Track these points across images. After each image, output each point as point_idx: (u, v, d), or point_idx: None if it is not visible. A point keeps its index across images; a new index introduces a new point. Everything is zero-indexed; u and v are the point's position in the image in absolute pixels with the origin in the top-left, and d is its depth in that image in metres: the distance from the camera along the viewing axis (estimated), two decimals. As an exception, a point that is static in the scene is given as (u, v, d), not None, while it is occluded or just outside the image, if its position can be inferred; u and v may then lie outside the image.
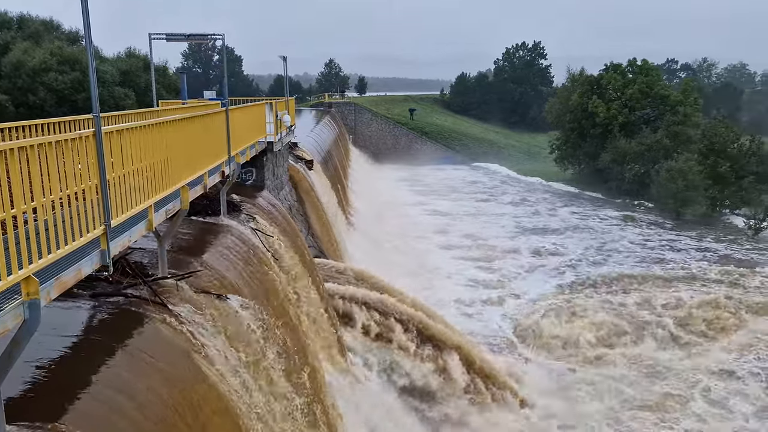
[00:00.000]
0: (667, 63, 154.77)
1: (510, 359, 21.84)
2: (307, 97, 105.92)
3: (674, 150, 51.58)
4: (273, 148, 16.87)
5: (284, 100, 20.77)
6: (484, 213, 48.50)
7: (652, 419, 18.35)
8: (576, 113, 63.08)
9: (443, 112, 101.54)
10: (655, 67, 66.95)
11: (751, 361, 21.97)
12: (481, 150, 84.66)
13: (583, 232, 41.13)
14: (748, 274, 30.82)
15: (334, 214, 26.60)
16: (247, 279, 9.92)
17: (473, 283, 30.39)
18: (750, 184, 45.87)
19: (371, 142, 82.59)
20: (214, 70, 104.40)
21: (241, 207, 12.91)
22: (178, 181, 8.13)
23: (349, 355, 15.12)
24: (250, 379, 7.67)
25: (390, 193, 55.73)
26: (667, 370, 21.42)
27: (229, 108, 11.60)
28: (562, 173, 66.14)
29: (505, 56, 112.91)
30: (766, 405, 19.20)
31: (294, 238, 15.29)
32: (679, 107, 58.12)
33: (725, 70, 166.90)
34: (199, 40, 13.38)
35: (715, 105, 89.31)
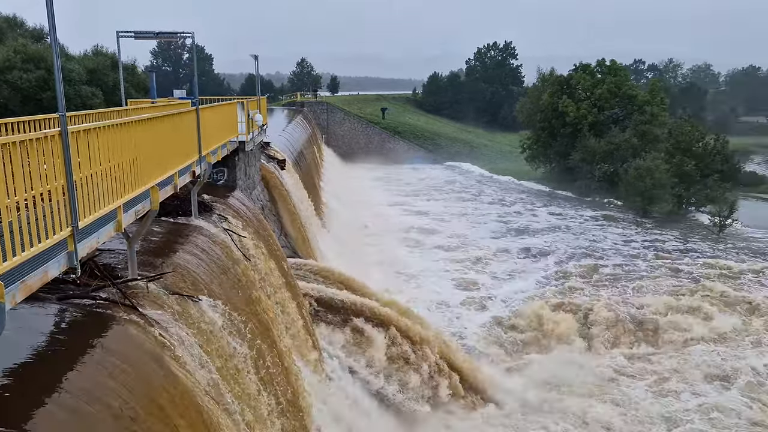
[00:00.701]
0: (635, 63, 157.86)
1: (488, 360, 22.03)
2: (280, 96, 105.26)
3: (642, 149, 52.58)
4: (245, 147, 16.73)
5: (256, 99, 20.62)
6: (463, 213, 48.53)
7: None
8: (546, 113, 63.88)
9: (416, 112, 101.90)
10: (623, 67, 68.17)
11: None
12: (454, 149, 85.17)
13: (567, 232, 41.16)
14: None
15: (307, 214, 26.48)
16: (218, 280, 9.83)
17: (456, 284, 30.44)
18: (715, 182, 47.08)
19: (344, 142, 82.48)
20: (184, 68, 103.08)
21: (213, 207, 12.78)
22: (147, 182, 8.02)
23: (323, 354, 15.09)
24: (221, 380, 7.60)
25: (364, 192, 55.75)
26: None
27: (199, 107, 11.47)
28: (533, 172, 66.90)
29: (477, 56, 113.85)
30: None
31: (267, 238, 15.19)
32: (646, 107, 59.29)
33: (690, 70, 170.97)
34: (168, 38, 13.19)
35: (681, 105, 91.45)
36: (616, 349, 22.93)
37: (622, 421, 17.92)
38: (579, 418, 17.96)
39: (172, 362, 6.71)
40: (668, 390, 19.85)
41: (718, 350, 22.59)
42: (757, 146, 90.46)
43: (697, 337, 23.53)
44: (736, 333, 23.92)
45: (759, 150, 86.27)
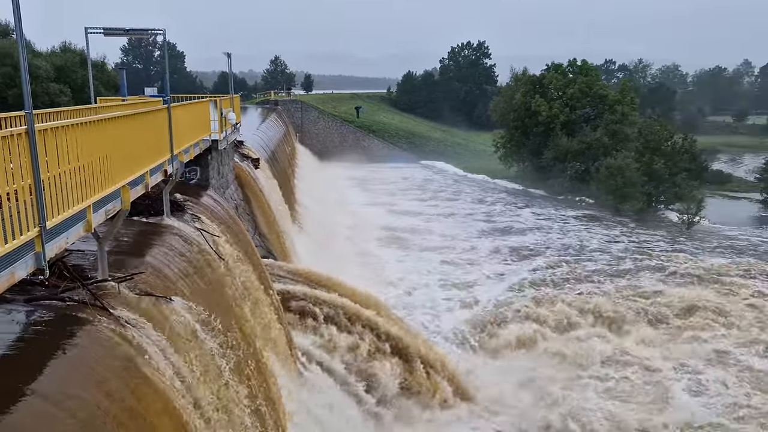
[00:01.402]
0: (606, 64, 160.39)
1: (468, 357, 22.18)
2: (253, 95, 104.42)
3: (613, 148, 53.46)
4: (218, 146, 16.56)
5: (229, 97, 20.44)
6: (440, 213, 48.69)
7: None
8: (519, 112, 64.50)
9: (390, 111, 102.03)
10: (594, 67, 69.18)
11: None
12: (428, 148, 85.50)
13: (550, 232, 41.34)
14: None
15: (282, 213, 26.32)
16: (191, 280, 9.71)
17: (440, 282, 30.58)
18: (683, 181, 48.15)
19: (318, 140, 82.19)
20: (155, 66, 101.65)
21: (185, 207, 12.62)
22: (118, 181, 7.89)
23: (299, 355, 15.02)
24: (195, 382, 7.51)
25: (340, 191, 55.65)
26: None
27: (171, 105, 11.32)
28: (506, 171, 67.52)
29: (451, 55, 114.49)
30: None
31: (240, 237, 15.06)
32: (617, 106, 60.26)
33: (659, 71, 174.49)
34: (138, 35, 12.99)
35: (650, 104, 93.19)
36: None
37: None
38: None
39: (144, 364, 6.60)
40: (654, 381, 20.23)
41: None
42: (724, 145, 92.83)
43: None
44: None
45: (725, 149, 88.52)
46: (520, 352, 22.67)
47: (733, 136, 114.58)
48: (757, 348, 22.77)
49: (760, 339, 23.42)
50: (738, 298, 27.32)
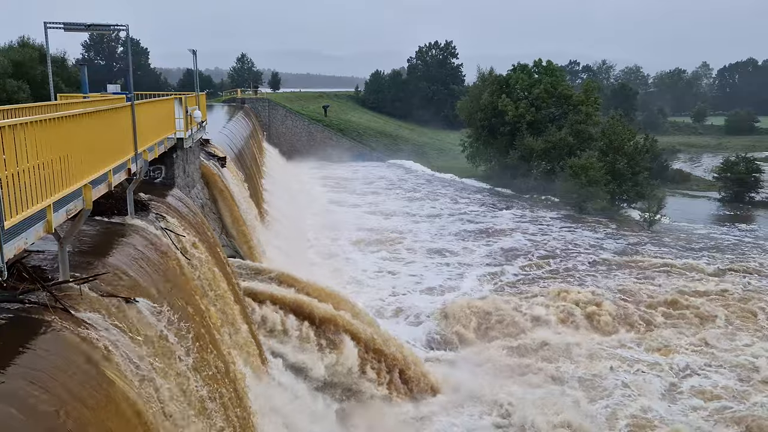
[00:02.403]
0: (570, 64, 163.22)
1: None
2: (219, 93, 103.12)
3: (577, 147, 54.36)
4: (183, 144, 16.32)
5: (195, 95, 20.17)
6: (415, 213, 48.87)
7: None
8: (486, 111, 65.06)
9: (358, 109, 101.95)
10: (559, 68, 70.20)
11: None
12: (396, 147, 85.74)
13: (528, 233, 41.36)
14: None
15: (249, 213, 26.07)
16: (156, 280, 9.55)
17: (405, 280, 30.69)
18: (645, 180, 49.35)
19: (286, 139, 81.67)
20: (118, 62, 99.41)
21: (150, 206, 12.40)
22: (79, 180, 7.72)
23: (266, 355, 14.91)
24: (161, 383, 7.40)
25: (309, 190, 55.38)
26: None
27: (135, 102, 11.11)
28: (474, 170, 68.09)
29: (418, 55, 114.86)
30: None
31: (207, 237, 14.88)
32: (581, 107, 61.28)
33: (622, 72, 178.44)
34: (100, 30, 12.70)
35: (613, 105, 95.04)
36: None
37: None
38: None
39: (107, 366, 6.48)
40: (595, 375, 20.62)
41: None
42: (683, 145, 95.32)
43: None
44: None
45: (685, 148, 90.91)
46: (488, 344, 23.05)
47: (692, 136, 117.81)
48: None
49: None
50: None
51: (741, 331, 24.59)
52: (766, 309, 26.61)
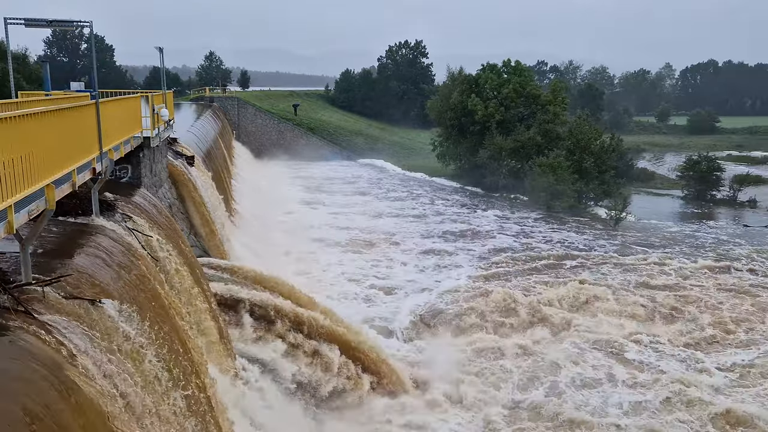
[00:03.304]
0: (538, 65, 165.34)
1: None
2: (187, 91, 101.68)
3: (546, 146, 55.05)
4: (150, 143, 16.06)
5: (162, 93, 19.87)
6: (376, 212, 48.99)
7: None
8: (456, 111, 65.47)
9: (329, 108, 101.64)
10: (527, 68, 71.03)
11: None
12: (367, 146, 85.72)
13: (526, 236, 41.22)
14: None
15: (219, 213, 25.78)
16: (123, 282, 9.39)
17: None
18: (611, 179, 50.30)
19: (255, 138, 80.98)
20: (82, 59, 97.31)
21: (116, 206, 12.18)
22: (42, 179, 7.54)
23: (236, 355, 14.78)
24: (129, 387, 7.27)
25: (278, 190, 54.95)
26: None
27: (99, 101, 10.89)
28: (444, 169, 68.47)
29: (389, 54, 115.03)
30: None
31: (175, 237, 14.67)
32: (549, 106, 62.11)
33: (588, 72, 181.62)
34: (63, 26, 12.39)
35: (580, 105, 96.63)
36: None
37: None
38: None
39: (72, 370, 6.34)
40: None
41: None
42: (648, 144, 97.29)
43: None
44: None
45: (649, 148, 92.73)
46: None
47: (656, 136, 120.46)
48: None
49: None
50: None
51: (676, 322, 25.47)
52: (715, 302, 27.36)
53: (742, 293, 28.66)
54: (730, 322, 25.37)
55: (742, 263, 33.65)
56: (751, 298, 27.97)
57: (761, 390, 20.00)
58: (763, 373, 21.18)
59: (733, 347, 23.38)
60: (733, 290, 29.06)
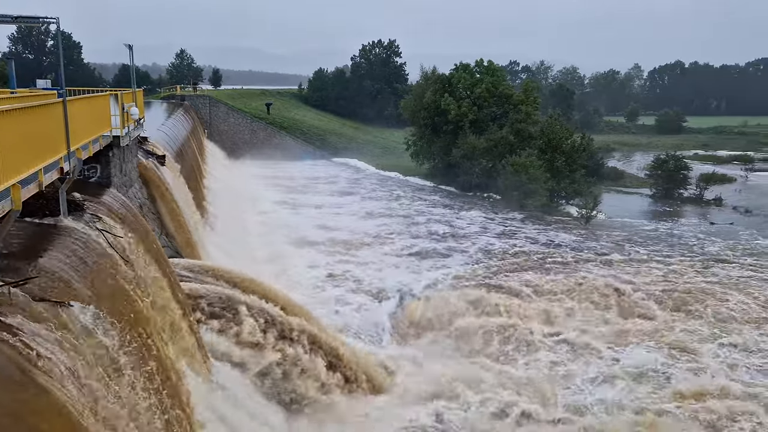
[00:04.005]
0: (510, 64, 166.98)
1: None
2: (158, 89, 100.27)
3: (518, 146, 55.63)
4: (120, 142, 15.78)
5: (131, 91, 19.56)
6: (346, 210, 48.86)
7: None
8: (429, 110, 65.75)
9: (302, 107, 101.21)
10: (499, 68, 71.67)
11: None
12: (340, 145, 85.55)
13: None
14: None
15: (191, 212, 25.46)
16: (92, 283, 9.21)
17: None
18: (582, 177, 51.08)
19: (228, 137, 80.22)
20: (48, 56, 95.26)
21: (85, 206, 11.94)
22: (7, 179, 7.35)
23: (210, 357, 14.62)
24: (99, 390, 7.14)
25: (252, 190, 54.51)
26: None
27: (67, 99, 10.66)
28: (418, 168, 68.71)
29: (362, 53, 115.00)
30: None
31: (146, 238, 14.44)
32: (521, 106, 62.77)
33: (560, 72, 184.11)
34: (29, 23, 12.11)
35: (552, 105, 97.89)
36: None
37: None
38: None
39: (40, 375, 6.21)
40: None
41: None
42: (617, 144, 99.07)
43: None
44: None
45: (619, 147, 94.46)
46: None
47: (625, 135, 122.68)
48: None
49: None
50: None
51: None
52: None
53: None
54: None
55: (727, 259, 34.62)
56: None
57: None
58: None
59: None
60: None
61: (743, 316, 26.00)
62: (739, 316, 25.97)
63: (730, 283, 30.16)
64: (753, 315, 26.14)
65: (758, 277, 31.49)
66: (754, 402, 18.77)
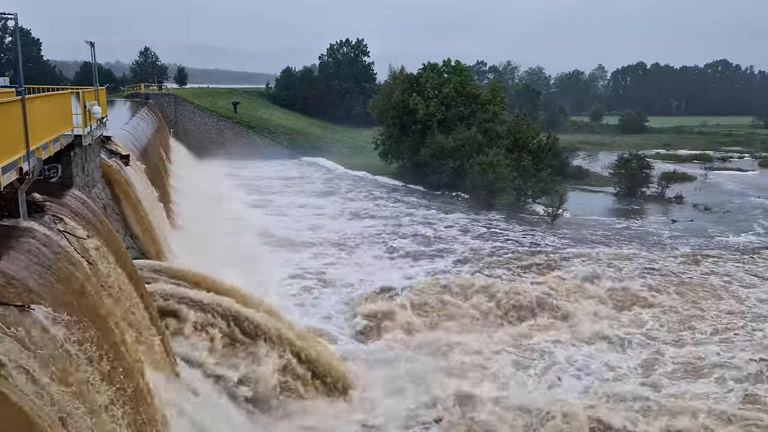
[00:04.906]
0: (477, 65, 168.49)
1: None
2: (121, 87, 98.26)
3: (486, 145, 56.12)
4: (81, 141, 15.43)
5: (93, 89, 19.15)
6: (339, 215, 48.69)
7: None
8: (398, 110, 65.85)
9: (269, 106, 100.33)
10: (467, 67, 72.17)
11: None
12: (308, 144, 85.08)
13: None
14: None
15: (156, 213, 25.05)
16: (54, 286, 8.99)
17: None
18: (548, 176, 51.82)
19: (194, 136, 79.11)
20: (6, 53, 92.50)
21: (46, 207, 11.64)
22: (-37, 180, 7.13)
23: (176, 358, 14.42)
24: (62, 396, 6.98)
25: (219, 189, 53.84)
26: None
27: (25, 97, 10.39)
28: (386, 167, 68.79)
29: (329, 52, 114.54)
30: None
31: (110, 239, 14.15)
32: (488, 106, 63.32)
33: (526, 72, 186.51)
34: (-15, 18, 11.76)
35: (518, 104, 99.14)
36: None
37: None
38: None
39: (0, 382, 6.04)
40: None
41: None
42: (582, 143, 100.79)
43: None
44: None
45: (584, 146, 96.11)
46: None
47: (590, 135, 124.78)
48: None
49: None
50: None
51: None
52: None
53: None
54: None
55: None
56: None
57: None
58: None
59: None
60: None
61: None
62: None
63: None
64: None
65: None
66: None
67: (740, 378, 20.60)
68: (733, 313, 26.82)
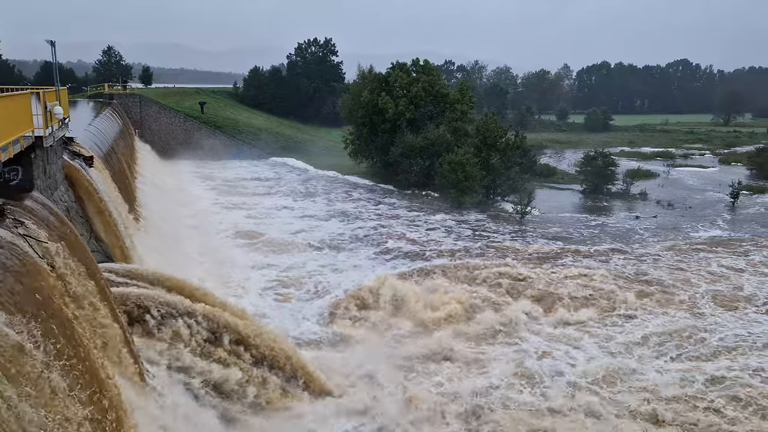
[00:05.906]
0: (446, 64, 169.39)
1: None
2: (84, 87, 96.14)
3: (455, 144, 56.49)
4: (43, 143, 15.06)
5: (55, 89, 18.71)
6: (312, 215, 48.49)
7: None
8: (367, 109, 65.85)
9: (237, 106, 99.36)
10: (435, 67, 72.52)
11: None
12: (277, 145, 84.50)
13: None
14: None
15: (122, 215, 24.58)
16: (14, 292, 8.77)
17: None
18: (516, 174, 52.40)
19: (160, 137, 77.94)
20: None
21: (6, 211, 11.34)
22: None
23: (143, 363, 14.18)
24: (24, 403, 6.82)
25: (186, 190, 53.16)
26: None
27: (-17, 97, 10.10)
28: (356, 167, 68.73)
29: (298, 51, 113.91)
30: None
31: (73, 242, 13.85)
32: (457, 105, 63.71)
33: (493, 72, 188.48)
34: (-61, 16, 11.40)
35: (486, 104, 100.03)
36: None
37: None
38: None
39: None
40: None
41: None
42: (549, 141, 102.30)
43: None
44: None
45: (551, 144, 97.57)
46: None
47: (557, 133, 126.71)
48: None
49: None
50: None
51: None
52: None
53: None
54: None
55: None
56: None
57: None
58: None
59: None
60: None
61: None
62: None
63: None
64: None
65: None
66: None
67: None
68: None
